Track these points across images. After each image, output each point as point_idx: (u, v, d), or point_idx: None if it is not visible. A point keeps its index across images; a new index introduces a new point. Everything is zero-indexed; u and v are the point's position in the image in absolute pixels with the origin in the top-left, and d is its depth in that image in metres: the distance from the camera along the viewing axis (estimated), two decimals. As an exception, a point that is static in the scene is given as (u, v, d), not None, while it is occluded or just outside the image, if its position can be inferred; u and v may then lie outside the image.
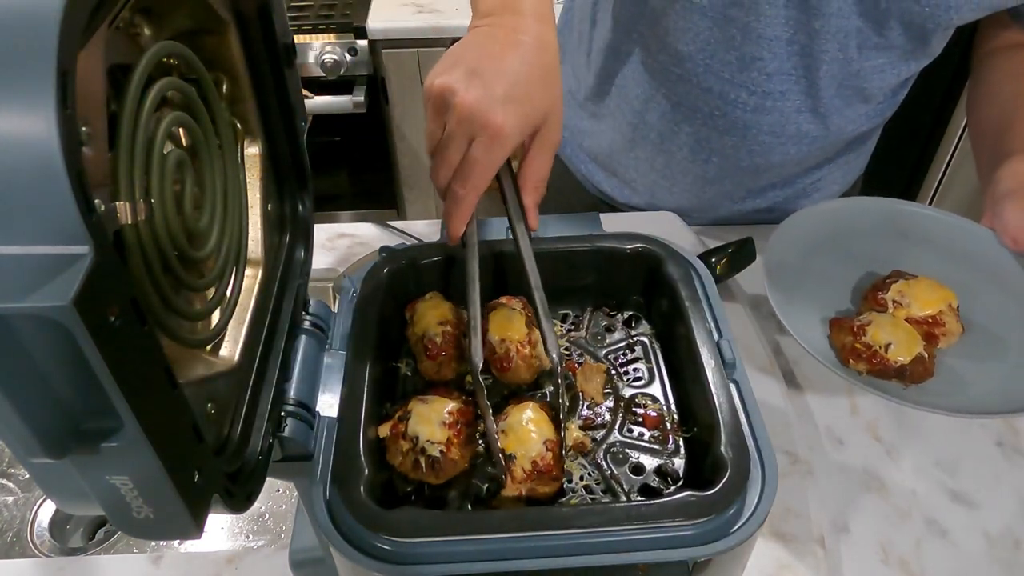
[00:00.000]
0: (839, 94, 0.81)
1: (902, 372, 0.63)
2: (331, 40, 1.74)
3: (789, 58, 0.78)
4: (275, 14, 0.50)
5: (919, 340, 0.65)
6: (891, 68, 0.80)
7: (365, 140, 1.94)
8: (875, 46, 0.77)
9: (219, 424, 0.44)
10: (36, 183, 0.25)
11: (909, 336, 0.65)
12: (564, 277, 0.64)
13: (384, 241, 0.91)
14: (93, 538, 0.92)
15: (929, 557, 0.66)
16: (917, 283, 0.70)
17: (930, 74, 0.85)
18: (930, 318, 0.67)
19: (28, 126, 0.25)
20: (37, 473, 0.33)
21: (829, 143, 0.88)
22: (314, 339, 0.55)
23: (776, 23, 0.75)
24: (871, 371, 0.64)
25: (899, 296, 0.69)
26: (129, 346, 0.29)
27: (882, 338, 0.64)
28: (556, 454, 0.51)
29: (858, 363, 0.64)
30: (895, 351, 0.63)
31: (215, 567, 0.65)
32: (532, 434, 0.50)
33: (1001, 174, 0.75)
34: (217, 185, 0.46)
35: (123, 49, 0.37)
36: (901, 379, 0.64)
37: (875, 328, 0.64)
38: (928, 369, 0.64)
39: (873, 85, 0.81)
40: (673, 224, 0.97)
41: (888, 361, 0.63)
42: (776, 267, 0.72)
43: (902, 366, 0.63)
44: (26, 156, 0.25)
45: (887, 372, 0.63)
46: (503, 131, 0.50)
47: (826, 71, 0.78)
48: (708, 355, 0.53)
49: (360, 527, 0.45)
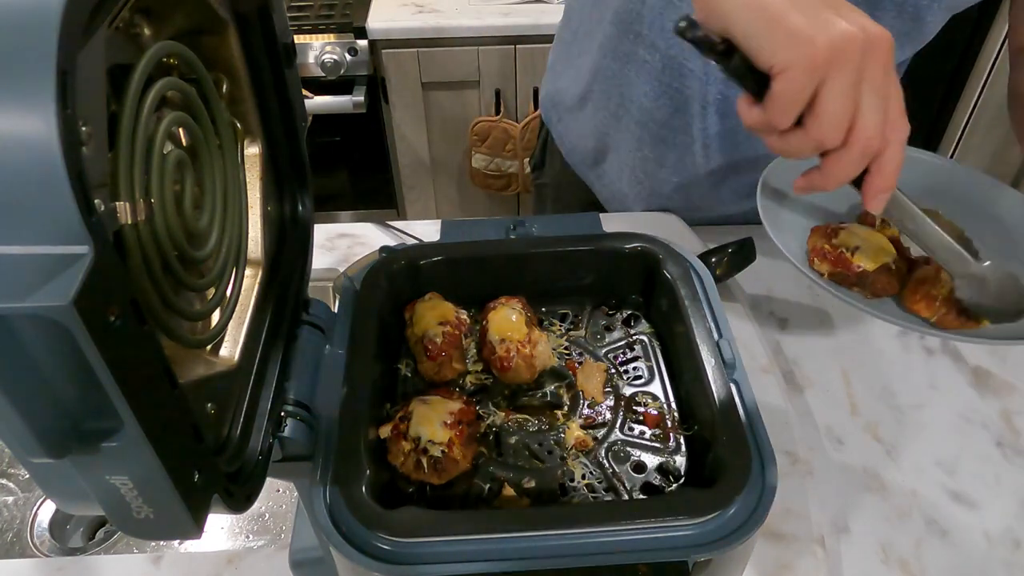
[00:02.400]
0: None
1: (864, 279, 0.61)
2: (331, 40, 1.74)
3: None
4: (275, 14, 0.50)
5: (891, 254, 0.62)
6: None
7: (365, 140, 1.94)
8: None
9: (219, 424, 0.44)
10: (36, 183, 0.25)
11: (880, 246, 0.62)
12: (564, 277, 0.64)
13: (384, 241, 0.91)
14: (93, 538, 0.92)
15: (929, 557, 0.66)
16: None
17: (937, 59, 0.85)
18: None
19: (28, 126, 0.25)
20: (37, 473, 0.33)
21: None
22: (314, 339, 0.55)
23: None
24: (832, 274, 0.62)
25: (888, 215, 0.67)
26: (129, 346, 0.29)
27: (851, 242, 0.62)
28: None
29: (822, 264, 0.63)
30: (860, 256, 0.61)
31: (215, 567, 0.65)
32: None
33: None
34: (217, 185, 0.46)
35: (123, 49, 0.37)
36: (863, 288, 0.62)
37: (848, 233, 0.63)
38: (892, 284, 0.62)
39: None
40: (673, 224, 0.97)
41: (851, 264, 0.61)
42: (773, 182, 0.70)
43: (864, 271, 0.61)
44: (26, 156, 0.25)
45: (848, 278, 0.61)
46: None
47: None
48: (708, 355, 0.53)
49: (360, 527, 0.45)
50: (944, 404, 0.79)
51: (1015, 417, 0.77)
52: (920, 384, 0.81)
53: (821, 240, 0.64)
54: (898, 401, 0.79)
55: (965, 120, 1.94)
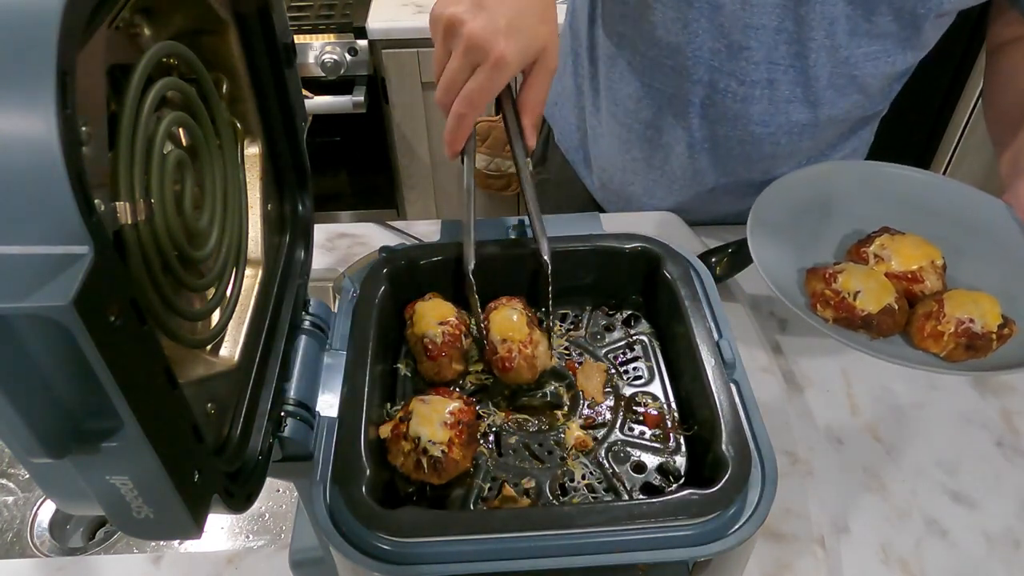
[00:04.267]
0: (832, 83, 0.81)
1: (869, 322, 0.61)
2: (331, 40, 1.74)
3: (777, 47, 0.79)
4: (275, 14, 0.50)
5: (891, 292, 0.63)
6: (885, 56, 0.80)
7: (365, 140, 1.94)
8: (866, 33, 0.77)
9: (219, 424, 0.44)
10: (36, 183, 0.25)
11: (881, 287, 0.63)
12: (564, 277, 0.64)
13: (384, 241, 0.91)
14: (93, 538, 0.92)
15: (929, 557, 0.66)
16: (903, 239, 0.68)
17: (932, 71, 0.86)
18: (910, 274, 0.66)
19: (28, 126, 0.25)
20: (37, 473, 0.33)
21: (821, 134, 0.88)
22: (314, 339, 0.55)
23: (763, 11, 0.76)
24: (837, 319, 0.62)
25: (881, 250, 0.67)
26: (129, 346, 0.29)
27: (852, 286, 0.62)
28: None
29: (825, 310, 0.63)
30: (863, 300, 0.61)
31: (215, 567, 0.65)
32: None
33: (1020, 153, 0.75)
34: (217, 185, 0.46)
35: (123, 49, 0.37)
36: (868, 330, 0.62)
37: (847, 276, 0.63)
38: (898, 323, 0.62)
39: (866, 74, 0.81)
40: (673, 224, 0.97)
41: (855, 309, 0.61)
42: (760, 221, 0.71)
43: (868, 315, 0.61)
44: (26, 156, 0.25)
45: (853, 321, 0.62)
46: (505, 59, 0.55)
47: (815, 59, 0.79)
48: (708, 355, 0.53)
49: (360, 527, 0.45)
50: (944, 404, 0.79)
51: (1015, 417, 0.77)
52: (920, 384, 0.81)
53: (821, 284, 0.64)
54: (898, 401, 0.79)
55: (958, 136, 1.94)
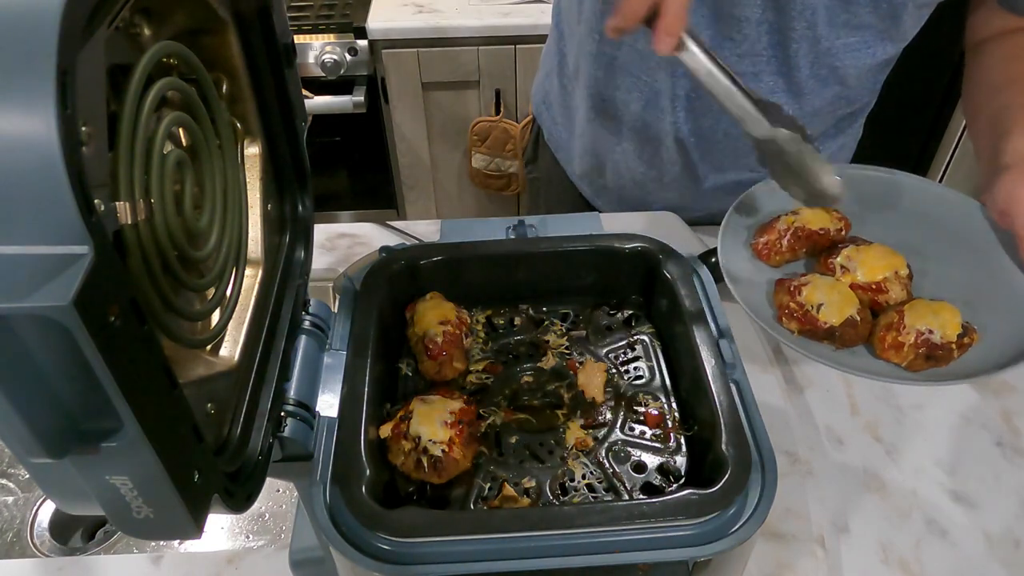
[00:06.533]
0: (814, 74, 0.82)
1: (831, 334, 0.63)
2: (331, 40, 1.74)
3: (760, 37, 0.79)
4: (275, 14, 0.50)
5: (855, 304, 0.64)
6: (865, 48, 0.80)
7: (365, 140, 1.94)
8: (845, 23, 0.77)
9: (219, 424, 0.44)
10: (36, 183, 0.25)
11: (844, 299, 0.64)
12: (564, 277, 0.64)
13: (384, 241, 0.91)
14: (93, 538, 0.92)
15: (929, 557, 0.66)
16: (868, 249, 0.68)
17: (930, 74, 0.86)
18: (874, 284, 0.66)
19: (28, 126, 0.25)
20: (37, 473, 0.33)
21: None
22: (314, 339, 0.55)
23: (747, 2, 0.76)
24: (802, 331, 0.63)
25: (847, 261, 0.68)
26: (129, 346, 0.29)
27: (815, 299, 0.63)
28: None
29: (790, 322, 0.64)
30: (825, 312, 0.62)
31: (215, 567, 0.65)
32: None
33: (997, 151, 0.75)
34: (217, 185, 0.46)
35: (123, 49, 0.37)
36: (831, 341, 0.63)
37: (811, 289, 0.64)
38: (860, 334, 0.63)
39: (847, 64, 0.81)
40: (673, 224, 0.97)
41: (818, 322, 0.62)
42: (732, 233, 0.72)
43: (831, 327, 0.62)
44: (26, 156, 0.25)
45: (817, 333, 0.63)
46: None
47: (796, 49, 0.79)
48: (708, 355, 0.54)
49: (360, 527, 0.45)
50: (944, 404, 0.79)
51: (1015, 417, 0.77)
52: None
53: (786, 297, 0.66)
54: (898, 401, 0.79)
55: (955, 140, 1.94)
